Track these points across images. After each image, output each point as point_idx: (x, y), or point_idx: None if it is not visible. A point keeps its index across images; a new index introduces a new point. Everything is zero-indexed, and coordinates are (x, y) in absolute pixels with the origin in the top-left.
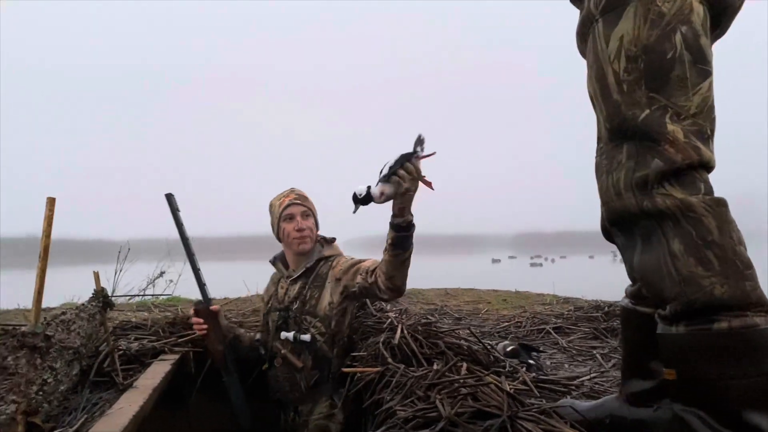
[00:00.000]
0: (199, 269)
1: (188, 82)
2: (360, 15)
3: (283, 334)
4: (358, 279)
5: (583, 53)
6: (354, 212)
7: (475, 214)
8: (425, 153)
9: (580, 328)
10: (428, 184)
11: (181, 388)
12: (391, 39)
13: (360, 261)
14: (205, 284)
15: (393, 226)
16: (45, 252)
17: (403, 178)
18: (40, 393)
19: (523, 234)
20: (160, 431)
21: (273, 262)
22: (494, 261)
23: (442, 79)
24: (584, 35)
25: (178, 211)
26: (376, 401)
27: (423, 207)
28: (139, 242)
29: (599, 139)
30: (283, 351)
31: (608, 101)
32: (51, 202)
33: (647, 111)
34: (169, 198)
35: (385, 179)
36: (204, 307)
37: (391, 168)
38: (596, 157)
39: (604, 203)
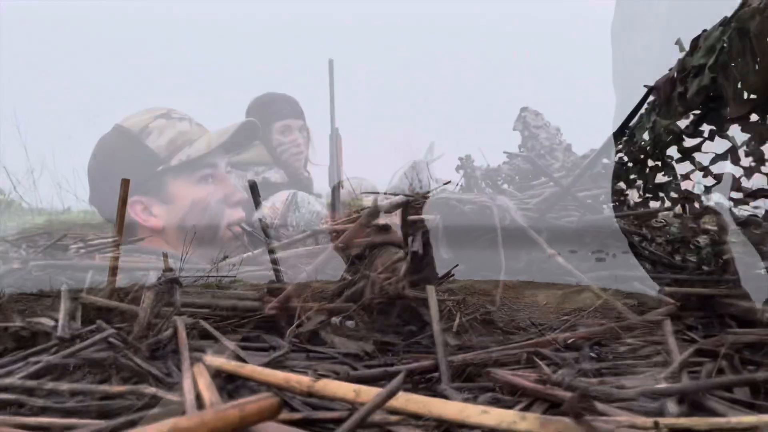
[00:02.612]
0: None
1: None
2: None
3: (333, 319)
4: None
5: None
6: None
7: None
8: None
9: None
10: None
11: None
12: None
13: None
14: (279, 267)
15: None
16: (120, 231)
17: None
18: None
19: (583, 228)
20: None
21: None
22: (552, 255)
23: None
24: None
25: (260, 197)
26: None
27: None
28: (204, 227)
29: None
30: None
31: None
32: (125, 183)
33: None
34: (252, 186)
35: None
36: (277, 287)
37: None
38: None
39: None
